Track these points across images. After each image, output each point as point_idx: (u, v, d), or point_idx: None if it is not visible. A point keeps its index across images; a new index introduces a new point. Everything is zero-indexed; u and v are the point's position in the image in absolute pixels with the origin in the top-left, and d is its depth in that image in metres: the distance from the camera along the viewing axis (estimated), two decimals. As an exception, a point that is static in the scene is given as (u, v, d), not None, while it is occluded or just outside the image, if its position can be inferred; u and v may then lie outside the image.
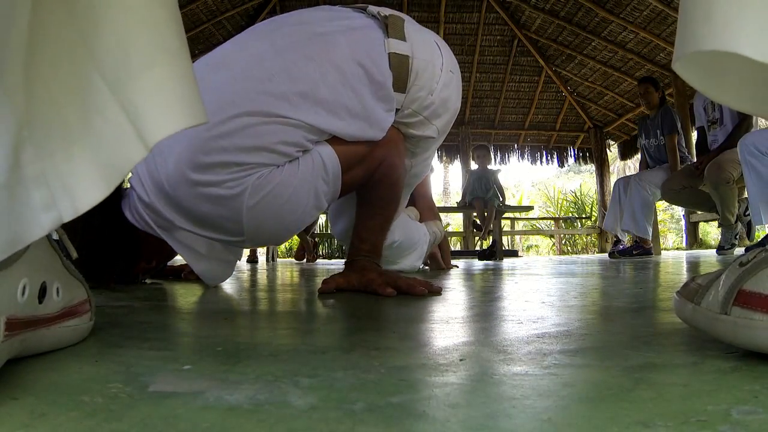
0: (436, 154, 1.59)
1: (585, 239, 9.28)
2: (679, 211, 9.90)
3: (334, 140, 1.17)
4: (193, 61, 1.28)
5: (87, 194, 0.37)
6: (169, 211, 1.17)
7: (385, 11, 1.25)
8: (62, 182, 0.36)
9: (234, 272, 2.36)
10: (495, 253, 4.92)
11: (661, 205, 6.84)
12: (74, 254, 0.52)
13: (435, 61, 1.25)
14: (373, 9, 1.26)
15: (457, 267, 2.69)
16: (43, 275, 0.45)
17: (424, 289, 1.10)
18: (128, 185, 1.30)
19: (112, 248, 1.29)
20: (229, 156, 1.06)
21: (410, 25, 1.26)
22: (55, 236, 0.53)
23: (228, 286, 1.49)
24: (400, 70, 1.19)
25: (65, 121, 0.37)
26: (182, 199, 1.12)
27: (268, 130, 1.08)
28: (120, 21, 0.37)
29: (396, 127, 1.25)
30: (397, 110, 1.23)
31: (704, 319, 0.47)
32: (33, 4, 0.34)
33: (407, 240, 2.02)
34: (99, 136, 0.37)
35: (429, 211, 2.46)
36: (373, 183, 1.25)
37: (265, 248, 6.61)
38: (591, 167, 9.43)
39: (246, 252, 5.51)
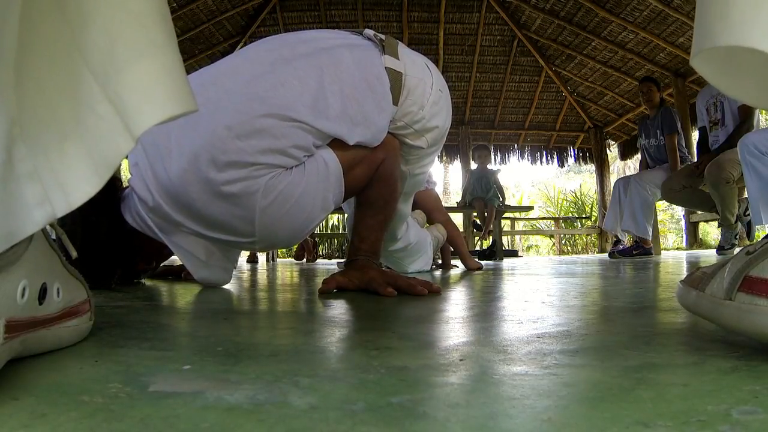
0: (436, 159, 1.66)
1: (585, 239, 9.28)
2: (679, 211, 9.90)
3: (334, 144, 1.21)
4: (195, 69, 1.32)
5: (80, 188, 0.37)
6: (177, 213, 1.18)
7: (380, 35, 1.34)
8: (55, 178, 0.37)
9: (234, 272, 2.36)
10: (495, 253, 4.92)
11: (661, 205, 6.84)
12: (74, 254, 0.52)
13: (425, 80, 1.34)
14: (368, 32, 1.35)
15: (457, 267, 2.69)
16: (43, 276, 0.45)
17: (423, 289, 1.10)
18: (127, 186, 1.30)
19: (113, 251, 1.29)
20: (246, 156, 1.09)
21: (402, 48, 1.36)
22: (53, 236, 0.53)
23: (228, 285, 1.49)
24: (394, 84, 1.27)
25: (58, 117, 0.37)
26: (194, 198, 1.13)
27: (283, 133, 1.11)
28: (107, 15, 0.37)
29: (391, 133, 1.32)
30: (390, 121, 1.30)
31: (708, 305, 0.47)
32: (24, 1, 0.35)
33: (420, 242, 2.14)
34: (90, 130, 0.37)
35: (439, 214, 2.76)
36: (372, 183, 1.28)
37: (265, 248, 6.60)
38: (591, 167, 9.42)
39: (245, 252, 5.50)
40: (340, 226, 8.24)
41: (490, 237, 5.48)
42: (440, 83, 1.40)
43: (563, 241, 9.42)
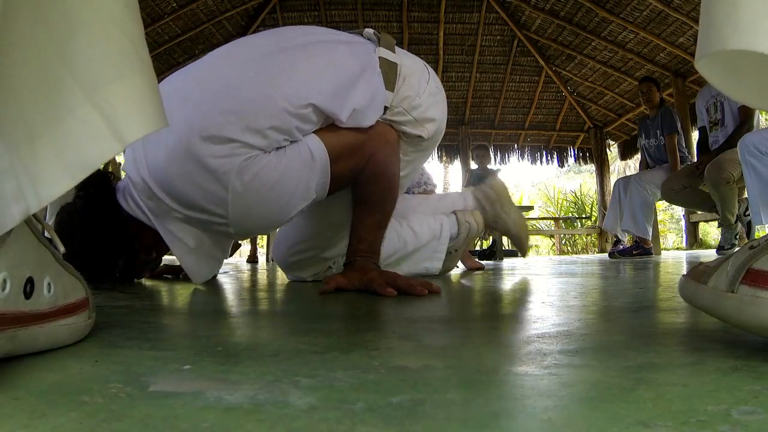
0: (435, 154, 1.63)
1: (585, 239, 9.28)
2: (679, 211, 9.90)
3: (322, 132, 1.21)
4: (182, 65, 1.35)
5: (50, 186, 0.38)
6: (161, 191, 1.18)
7: (378, 33, 1.37)
8: (28, 174, 0.38)
9: (234, 272, 2.36)
10: (495, 253, 4.92)
11: (661, 205, 6.83)
12: (62, 249, 0.52)
13: (422, 73, 1.37)
14: (368, 31, 1.36)
15: (457, 267, 2.69)
16: (30, 270, 0.45)
17: (423, 289, 1.10)
18: (123, 173, 1.32)
19: (112, 240, 1.29)
20: (225, 131, 1.10)
21: (400, 49, 1.38)
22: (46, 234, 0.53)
23: (228, 286, 1.49)
24: (389, 72, 1.28)
25: (27, 116, 0.39)
26: (174, 175, 1.14)
27: (263, 112, 1.13)
28: (97, 31, 0.40)
29: (390, 124, 1.31)
30: (386, 108, 1.29)
31: (710, 297, 0.47)
32: (2, 4, 0.35)
33: (409, 243, 1.72)
34: (67, 132, 0.39)
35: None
36: (368, 179, 1.27)
37: (265, 248, 6.61)
38: (591, 167, 9.42)
39: (246, 252, 5.50)
40: (340, 226, 8.23)
41: (490, 237, 5.48)
42: (436, 82, 1.41)
43: (563, 241, 9.42)
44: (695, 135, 4.29)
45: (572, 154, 8.83)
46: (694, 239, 6.40)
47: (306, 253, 1.57)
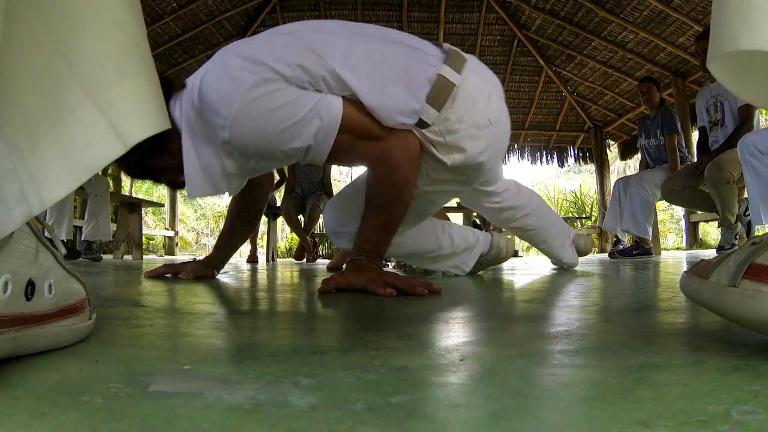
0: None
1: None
2: (679, 211, 9.90)
3: (348, 100, 1.24)
4: (196, 69, 1.41)
5: (53, 188, 0.38)
6: (196, 99, 1.26)
7: (453, 48, 1.36)
8: (30, 176, 0.38)
9: (234, 272, 2.36)
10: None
11: (661, 205, 6.83)
12: (63, 251, 0.52)
13: (475, 102, 1.31)
14: (445, 46, 1.36)
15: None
16: (31, 271, 0.45)
17: (423, 289, 1.10)
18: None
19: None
20: (258, 55, 1.20)
21: (472, 65, 1.35)
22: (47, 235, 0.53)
23: (228, 286, 1.49)
24: (441, 90, 1.25)
25: (30, 118, 0.39)
26: (203, 80, 1.24)
27: (300, 55, 1.21)
28: (100, 31, 0.40)
29: (419, 137, 1.28)
30: (426, 124, 1.26)
31: (711, 292, 0.47)
32: (5, 7, 0.35)
33: (457, 243, 1.88)
34: (70, 134, 0.39)
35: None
36: (380, 179, 1.27)
37: (265, 248, 6.61)
38: (591, 167, 9.42)
39: (246, 252, 5.49)
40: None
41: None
42: (493, 115, 1.34)
43: (563, 241, 9.40)
44: (695, 135, 4.29)
45: (572, 154, 8.83)
46: (694, 239, 6.40)
47: (346, 228, 1.65)
